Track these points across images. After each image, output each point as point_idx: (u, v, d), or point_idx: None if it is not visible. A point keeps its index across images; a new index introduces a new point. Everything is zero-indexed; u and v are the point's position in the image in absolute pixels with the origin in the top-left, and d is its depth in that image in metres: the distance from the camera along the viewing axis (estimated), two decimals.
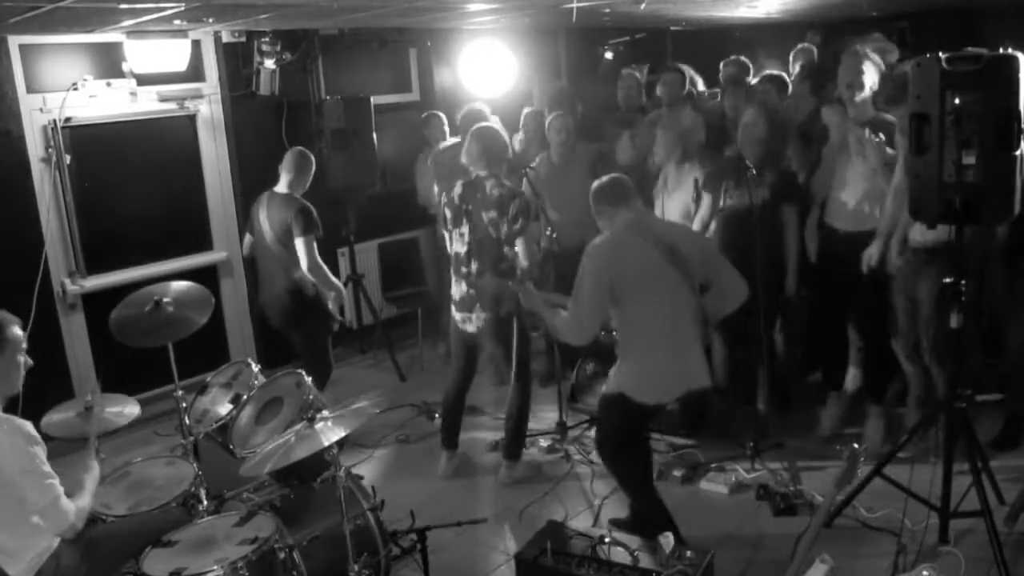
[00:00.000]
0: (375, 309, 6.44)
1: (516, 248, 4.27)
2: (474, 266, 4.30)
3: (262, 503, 3.45)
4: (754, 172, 4.35)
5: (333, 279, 4.89)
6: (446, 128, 6.16)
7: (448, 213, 4.41)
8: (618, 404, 3.58)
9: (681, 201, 4.94)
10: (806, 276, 4.62)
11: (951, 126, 3.18)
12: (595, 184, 3.73)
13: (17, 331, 2.95)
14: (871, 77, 4.34)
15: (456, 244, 4.39)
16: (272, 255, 4.81)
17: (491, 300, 4.27)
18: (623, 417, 3.63)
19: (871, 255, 4.18)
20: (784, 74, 5.95)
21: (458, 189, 4.37)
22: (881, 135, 4.17)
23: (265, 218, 4.82)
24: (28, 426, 2.89)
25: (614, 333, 3.70)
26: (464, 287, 4.36)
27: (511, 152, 4.53)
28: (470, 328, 4.40)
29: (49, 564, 2.88)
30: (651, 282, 3.48)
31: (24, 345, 2.99)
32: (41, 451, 2.87)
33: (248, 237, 5.08)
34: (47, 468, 2.87)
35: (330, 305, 4.91)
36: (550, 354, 5.05)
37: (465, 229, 4.32)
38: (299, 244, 4.67)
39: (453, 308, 4.47)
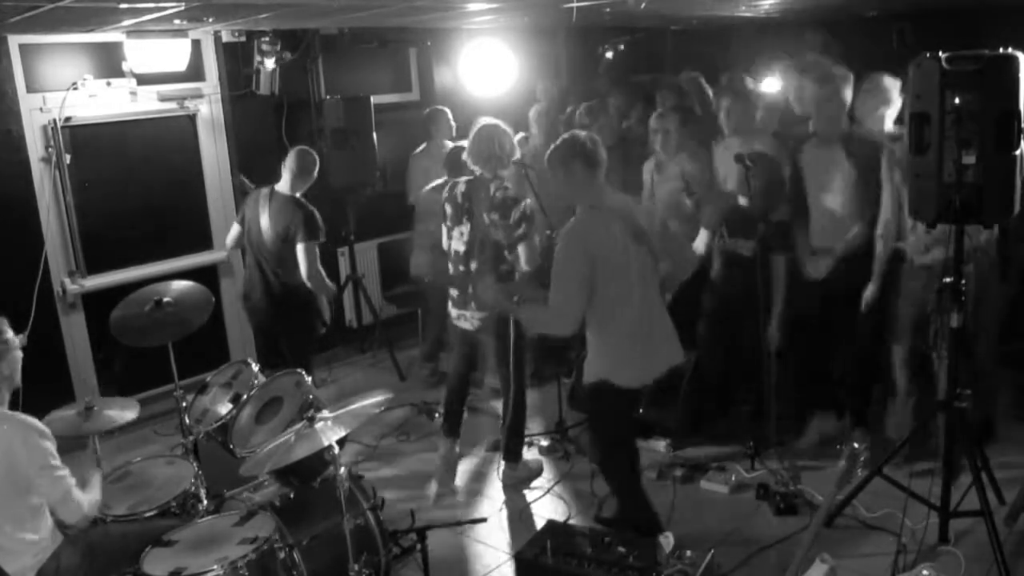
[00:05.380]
0: (375, 309, 6.45)
1: (519, 252, 4.22)
2: (472, 265, 4.29)
3: (262, 503, 3.45)
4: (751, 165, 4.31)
5: (328, 283, 4.89)
6: (452, 124, 6.11)
7: (448, 210, 4.39)
8: (603, 393, 3.51)
9: (670, 188, 4.94)
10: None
11: (951, 126, 3.18)
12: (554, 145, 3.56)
13: (8, 330, 3.00)
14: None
15: (455, 242, 4.37)
16: (269, 253, 4.77)
17: (488, 303, 4.24)
18: (610, 407, 3.57)
19: (868, 296, 4.21)
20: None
21: (461, 187, 4.33)
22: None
23: (267, 216, 4.75)
24: (37, 421, 2.92)
25: None
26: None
27: (517, 152, 4.43)
28: (466, 325, 4.39)
29: (50, 564, 2.89)
30: (623, 262, 3.43)
31: (16, 340, 3.02)
32: (51, 445, 2.90)
33: (237, 228, 4.98)
34: (58, 461, 2.91)
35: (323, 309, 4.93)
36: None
37: (465, 228, 4.30)
38: (301, 250, 4.64)
39: (450, 305, 4.46)
